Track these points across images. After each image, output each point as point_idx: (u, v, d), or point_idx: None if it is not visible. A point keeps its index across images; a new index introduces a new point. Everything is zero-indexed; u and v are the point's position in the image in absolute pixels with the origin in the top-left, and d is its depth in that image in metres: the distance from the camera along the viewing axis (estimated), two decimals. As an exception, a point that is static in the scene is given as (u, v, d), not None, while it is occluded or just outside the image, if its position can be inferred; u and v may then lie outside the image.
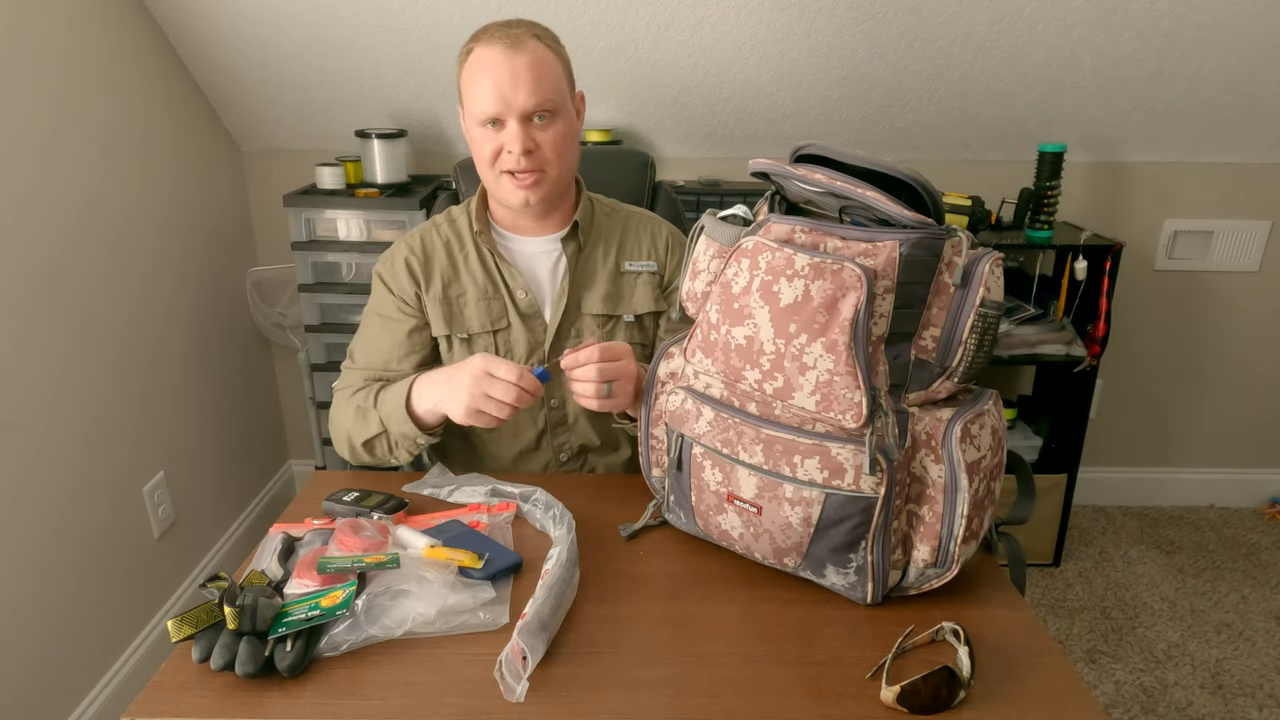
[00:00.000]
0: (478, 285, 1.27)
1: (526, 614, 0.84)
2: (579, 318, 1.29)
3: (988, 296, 0.83)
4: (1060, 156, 2.15)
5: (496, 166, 1.19)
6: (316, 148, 2.40)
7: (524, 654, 0.80)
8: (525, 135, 1.15)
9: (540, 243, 1.29)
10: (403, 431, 1.17)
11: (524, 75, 1.13)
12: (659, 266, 1.32)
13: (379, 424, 1.19)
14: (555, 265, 1.29)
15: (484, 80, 1.14)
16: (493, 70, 1.14)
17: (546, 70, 1.16)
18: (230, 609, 0.80)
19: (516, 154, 1.16)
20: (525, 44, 1.15)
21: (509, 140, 1.16)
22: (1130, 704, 1.94)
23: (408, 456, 1.22)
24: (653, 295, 1.31)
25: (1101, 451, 2.74)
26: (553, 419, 1.31)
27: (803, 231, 0.88)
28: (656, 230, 1.35)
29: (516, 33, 1.16)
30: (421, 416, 1.16)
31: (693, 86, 2.18)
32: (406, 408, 1.16)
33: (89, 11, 1.79)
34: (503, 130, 1.16)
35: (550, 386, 1.28)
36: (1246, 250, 2.50)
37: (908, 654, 0.85)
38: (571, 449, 1.33)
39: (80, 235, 1.76)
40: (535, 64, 1.14)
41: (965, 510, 0.85)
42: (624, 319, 1.30)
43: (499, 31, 1.16)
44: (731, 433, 0.89)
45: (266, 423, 2.61)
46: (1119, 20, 1.98)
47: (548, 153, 1.18)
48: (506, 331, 1.27)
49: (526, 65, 1.13)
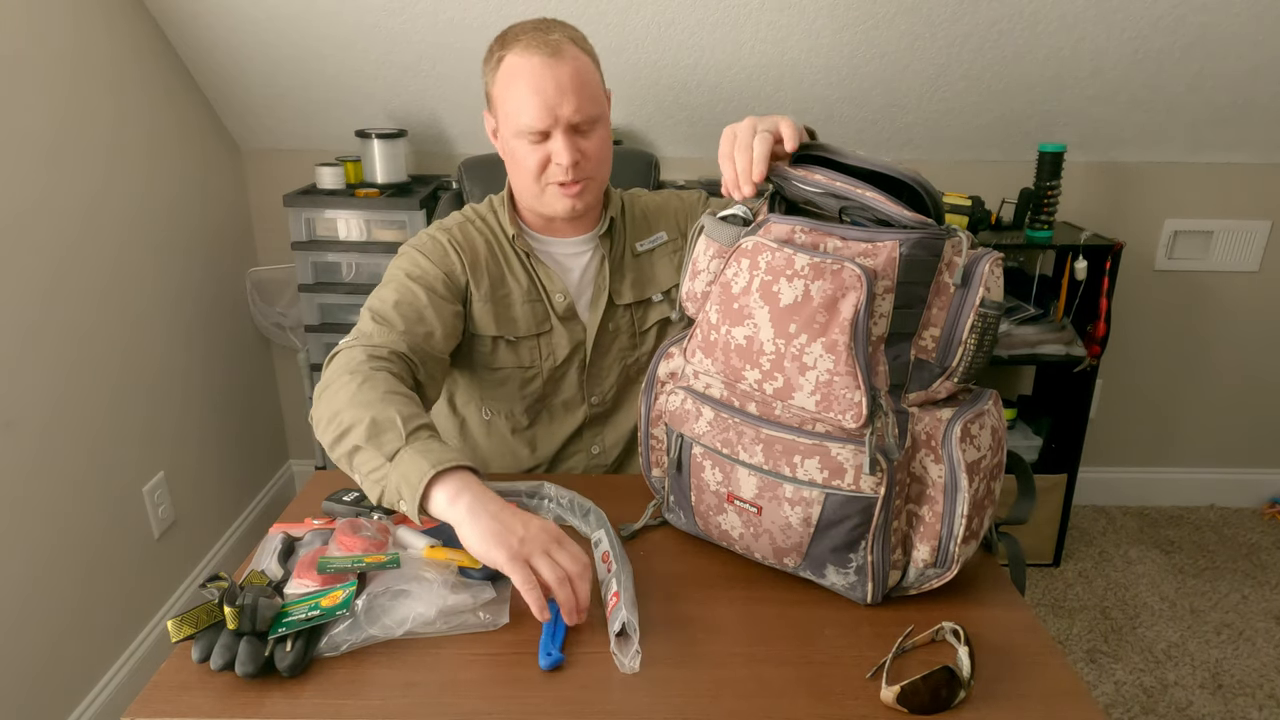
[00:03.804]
0: (521, 287, 1.24)
1: (620, 595, 0.87)
2: (615, 314, 1.28)
3: (988, 296, 0.83)
4: (1060, 156, 2.15)
5: (543, 179, 1.16)
6: (316, 148, 2.40)
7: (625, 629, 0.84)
8: (573, 146, 1.13)
9: (573, 244, 1.27)
10: (400, 493, 0.91)
11: (568, 86, 1.10)
12: (670, 233, 1.31)
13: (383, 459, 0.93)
14: (587, 265, 1.28)
15: (526, 92, 1.11)
16: (535, 81, 1.10)
17: (588, 79, 1.13)
18: (230, 609, 0.80)
19: (565, 166, 1.13)
20: (565, 50, 1.11)
21: (557, 153, 1.13)
22: (1130, 704, 1.94)
23: (370, 493, 0.96)
24: (673, 265, 1.30)
25: (1101, 451, 2.74)
26: (593, 415, 1.31)
27: (803, 231, 0.88)
28: (665, 205, 1.33)
29: (554, 39, 1.12)
30: (433, 496, 0.90)
31: (693, 86, 2.18)
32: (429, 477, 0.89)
33: (90, 13, 1.79)
34: (547, 142, 1.13)
35: (592, 383, 1.28)
36: (1246, 250, 2.50)
37: (908, 654, 0.85)
38: (604, 444, 1.33)
39: (81, 236, 1.76)
40: (577, 73, 1.11)
41: (965, 510, 0.85)
42: (653, 300, 1.29)
43: (535, 37, 1.12)
44: (731, 433, 0.89)
45: (266, 423, 2.61)
46: (1119, 20, 1.98)
47: (594, 160, 1.16)
48: (549, 335, 1.26)
49: (570, 75, 1.10)
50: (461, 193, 1.54)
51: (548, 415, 1.31)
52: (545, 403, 1.29)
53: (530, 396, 1.28)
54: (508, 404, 1.29)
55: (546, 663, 0.81)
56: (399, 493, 0.91)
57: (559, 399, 1.30)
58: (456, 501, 0.88)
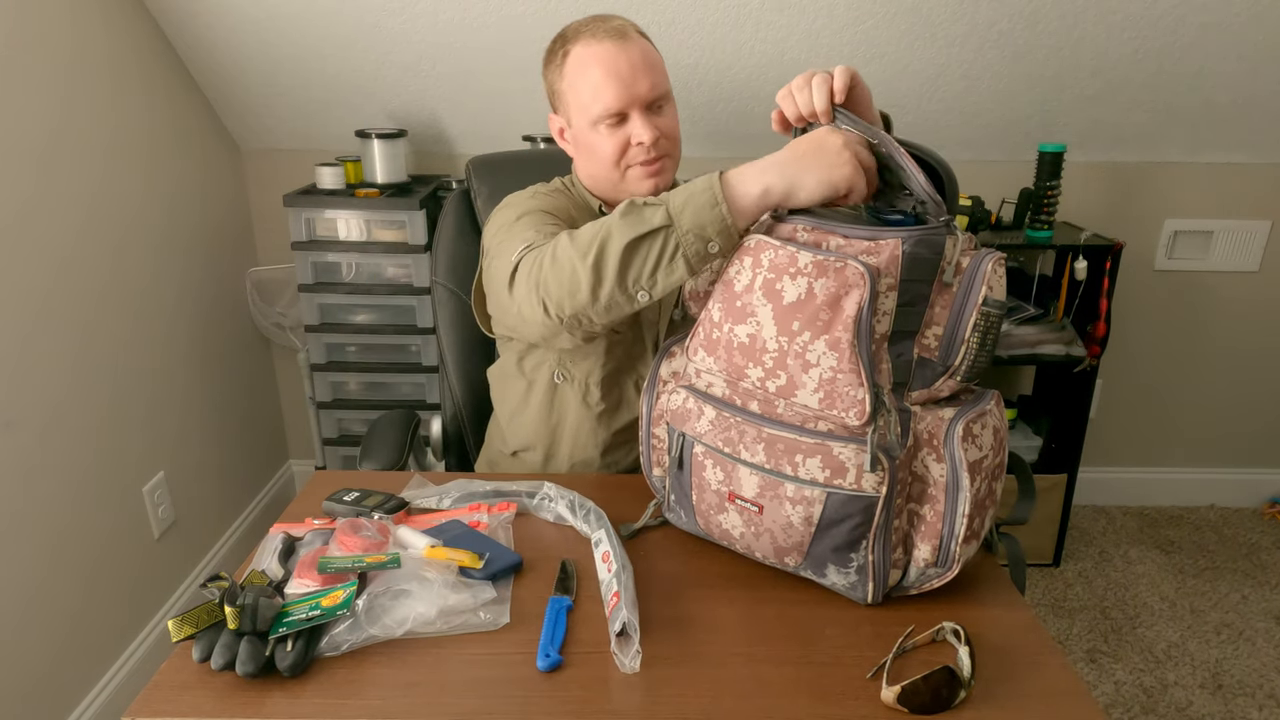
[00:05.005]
0: None
1: (620, 595, 0.87)
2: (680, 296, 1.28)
3: (990, 295, 0.83)
4: (1060, 156, 2.15)
5: (624, 161, 1.18)
6: (316, 148, 2.40)
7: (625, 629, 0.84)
8: (651, 124, 1.15)
9: None
10: (705, 221, 0.91)
11: (640, 65, 1.14)
12: None
13: (662, 217, 0.93)
14: None
15: (601, 77, 1.13)
16: (609, 65, 1.13)
17: (655, 58, 1.17)
18: (231, 609, 0.80)
19: (647, 144, 1.15)
20: (629, 33, 1.15)
21: (637, 132, 1.15)
22: (1130, 704, 1.94)
23: (672, 279, 0.94)
24: None
25: (1101, 451, 2.74)
26: None
27: (805, 230, 0.88)
28: None
29: (617, 24, 1.15)
30: (740, 198, 0.92)
31: (693, 86, 2.18)
32: (717, 180, 0.92)
33: (89, 12, 1.79)
34: (625, 125, 1.16)
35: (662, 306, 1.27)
36: (1246, 250, 2.50)
37: (908, 654, 0.85)
38: None
39: (82, 236, 1.76)
40: (645, 53, 1.15)
41: (967, 510, 0.85)
42: None
43: (597, 25, 1.15)
44: (733, 432, 0.89)
45: (266, 423, 2.61)
46: (1119, 20, 1.98)
47: (671, 138, 1.19)
48: None
49: (640, 55, 1.14)
50: (469, 191, 1.54)
51: (618, 393, 1.28)
52: (619, 379, 1.27)
53: (608, 366, 1.25)
54: (585, 371, 1.26)
55: (545, 664, 0.81)
56: (701, 234, 0.92)
57: (632, 379, 1.28)
58: (765, 173, 0.91)
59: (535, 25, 2.02)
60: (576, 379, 1.27)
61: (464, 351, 1.54)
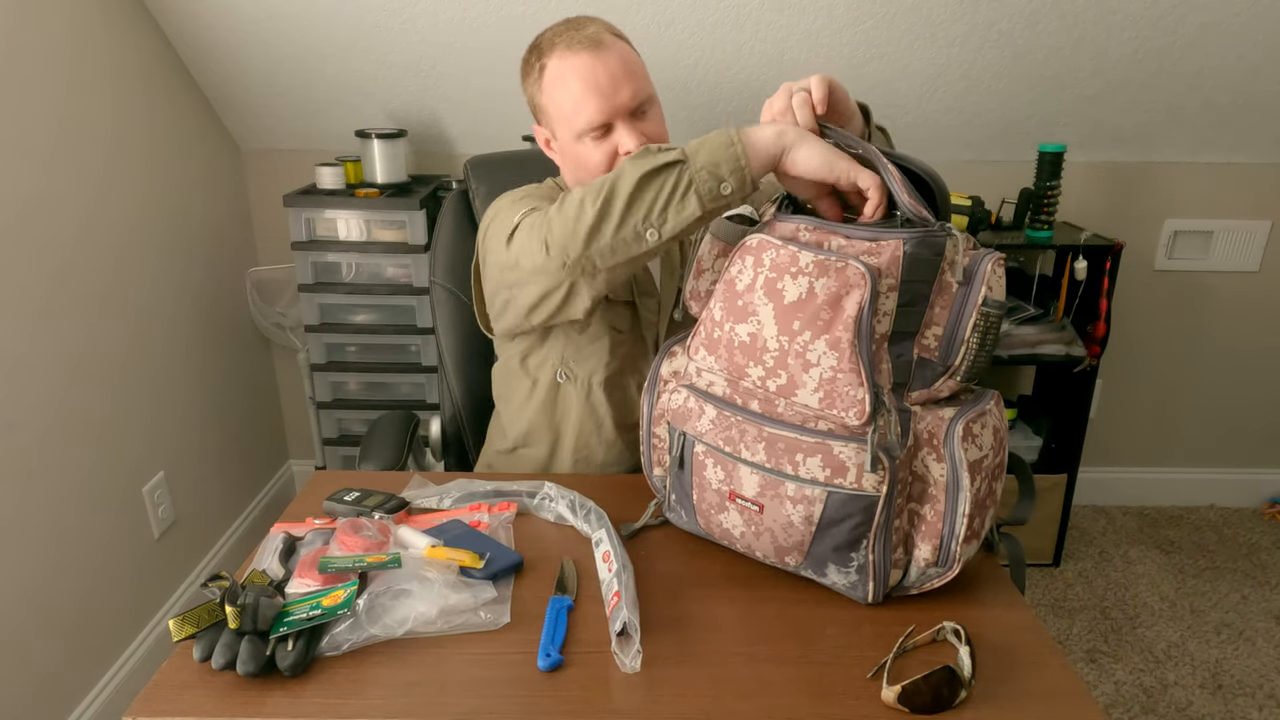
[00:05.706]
0: None
1: (621, 595, 0.87)
2: (679, 278, 1.27)
3: (990, 295, 0.83)
4: (1060, 156, 2.15)
5: None
6: (316, 148, 2.40)
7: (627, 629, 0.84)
8: (637, 132, 1.13)
9: None
10: (719, 159, 0.91)
11: (619, 74, 1.11)
12: None
13: (677, 154, 0.93)
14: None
15: (581, 91, 1.11)
16: (587, 78, 1.10)
17: (633, 62, 1.14)
18: (231, 608, 0.80)
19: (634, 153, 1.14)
20: (605, 40, 1.12)
21: (624, 142, 1.13)
22: (1130, 704, 1.94)
23: (683, 216, 0.93)
24: None
25: (1101, 451, 2.74)
26: None
27: (807, 230, 0.88)
28: None
29: (591, 33, 1.12)
30: (754, 141, 0.91)
31: (693, 86, 2.18)
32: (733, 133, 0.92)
33: (89, 13, 1.79)
34: (610, 136, 1.14)
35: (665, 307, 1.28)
36: (1246, 250, 2.50)
37: (909, 654, 0.85)
38: None
39: (82, 237, 1.76)
40: (624, 60, 1.12)
41: (967, 509, 0.85)
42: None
43: (572, 35, 1.12)
44: (734, 431, 0.89)
45: (266, 423, 2.61)
46: (1119, 20, 1.98)
47: (658, 140, 1.16)
48: (645, 299, 1.26)
49: (618, 63, 1.11)
50: (468, 191, 1.54)
51: (620, 393, 1.28)
52: (621, 379, 1.27)
53: (611, 366, 1.25)
54: (588, 371, 1.25)
55: (546, 663, 0.81)
56: (714, 172, 0.91)
57: (634, 379, 1.28)
58: (782, 135, 0.90)
59: (535, 25, 2.02)
60: (579, 378, 1.27)
61: (463, 352, 1.54)
